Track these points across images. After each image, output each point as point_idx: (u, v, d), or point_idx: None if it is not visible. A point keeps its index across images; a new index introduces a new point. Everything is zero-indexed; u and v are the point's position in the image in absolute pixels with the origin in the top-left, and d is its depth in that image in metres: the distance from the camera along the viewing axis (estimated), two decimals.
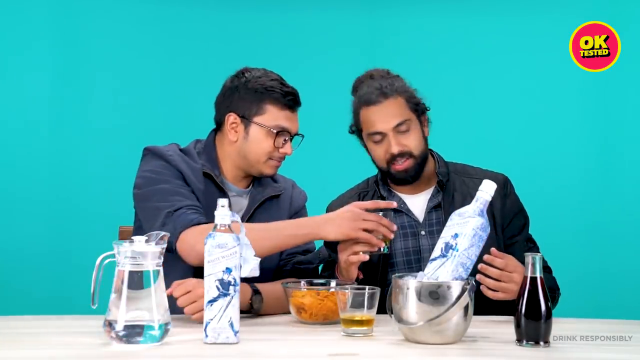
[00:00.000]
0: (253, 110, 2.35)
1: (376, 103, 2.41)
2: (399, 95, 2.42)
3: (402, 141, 2.41)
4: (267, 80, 2.37)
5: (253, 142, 2.36)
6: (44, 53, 3.62)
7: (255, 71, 2.41)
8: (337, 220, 2.19)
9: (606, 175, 3.59)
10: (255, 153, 2.37)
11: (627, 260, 3.52)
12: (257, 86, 2.36)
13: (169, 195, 2.26)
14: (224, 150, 2.41)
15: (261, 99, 2.35)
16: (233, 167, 2.41)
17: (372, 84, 2.45)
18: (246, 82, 2.37)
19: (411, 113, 2.43)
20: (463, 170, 2.53)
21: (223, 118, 2.40)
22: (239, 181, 2.44)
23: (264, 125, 2.35)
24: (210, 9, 3.72)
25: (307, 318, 2.11)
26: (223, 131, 2.41)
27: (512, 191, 2.50)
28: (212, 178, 2.37)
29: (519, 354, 1.79)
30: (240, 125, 2.37)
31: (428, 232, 2.45)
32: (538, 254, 1.85)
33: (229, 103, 2.39)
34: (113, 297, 1.82)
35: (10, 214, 3.53)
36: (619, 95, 3.60)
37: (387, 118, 2.40)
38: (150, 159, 2.36)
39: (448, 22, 3.70)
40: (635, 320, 2.21)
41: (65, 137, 3.62)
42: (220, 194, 2.34)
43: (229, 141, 2.39)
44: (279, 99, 2.36)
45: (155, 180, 2.30)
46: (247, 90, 2.36)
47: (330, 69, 3.70)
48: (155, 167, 2.33)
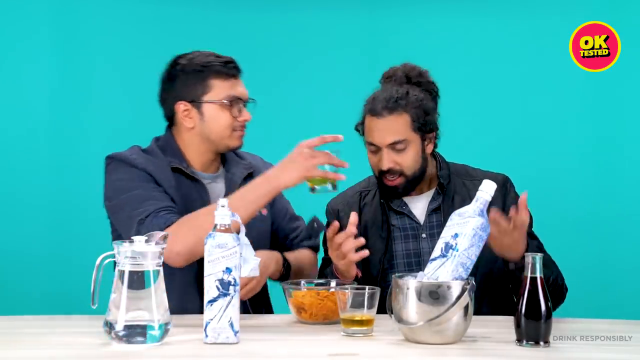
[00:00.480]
0: (199, 90, 2.35)
1: (379, 116, 2.37)
2: (405, 112, 2.37)
3: (395, 159, 2.37)
4: (202, 57, 2.37)
5: (211, 121, 2.35)
6: (44, 53, 3.62)
7: (186, 55, 2.41)
8: (290, 164, 2.17)
9: (606, 175, 3.59)
10: (217, 130, 2.36)
11: (627, 260, 3.51)
12: (195, 67, 2.35)
13: (140, 202, 2.24)
14: (185, 140, 2.40)
15: (204, 78, 2.35)
16: (198, 154, 2.40)
17: (384, 92, 2.40)
18: (182, 67, 2.37)
19: (412, 133, 2.38)
20: (464, 172, 2.52)
21: (173, 110, 2.38)
22: (208, 167, 2.43)
23: (215, 101, 2.34)
24: (210, 9, 3.71)
25: (307, 318, 2.11)
26: (177, 123, 2.40)
27: (511, 190, 2.48)
28: (182, 171, 2.35)
29: (519, 354, 1.79)
30: (192, 110, 2.36)
31: (429, 234, 2.44)
32: (538, 254, 1.85)
33: (174, 94, 2.37)
34: (113, 297, 1.83)
35: (10, 214, 3.53)
36: (619, 95, 3.59)
37: (385, 134, 2.37)
38: (115, 166, 2.34)
39: (448, 22, 3.70)
40: (635, 320, 2.21)
41: (65, 137, 3.62)
42: (194, 184, 2.34)
43: (187, 129, 2.38)
44: (221, 70, 2.36)
45: (124, 189, 2.28)
46: (186, 75, 2.36)
47: (331, 69, 3.70)
48: (123, 174, 2.31)
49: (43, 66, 3.61)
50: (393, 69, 2.48)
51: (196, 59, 2.37)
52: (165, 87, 2.41)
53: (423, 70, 2.48)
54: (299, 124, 3.67)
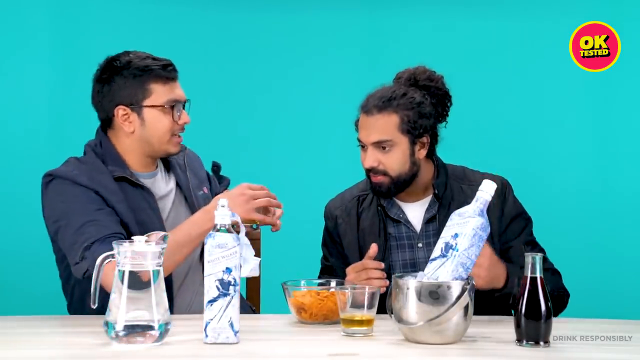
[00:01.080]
0: (139, 95, 2.31)
1: (368, 113, 2.37)
2: (394, 113, 2.36)
3: (379, 158, 2.37)
4: (140, 60, 2.33)
5: (151, 126, 2.32)
6: (44, 53, 3.61)
7: (122, 57, 2.36)
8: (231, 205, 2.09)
9: (606, 176, 3.59)
10: (157, 135, 2.33)
11: (627, 260, 3.51)
12: (133, 71, 2.32)
13: (85, 226, 2.18)
14: (123, 144, 2.36)
15: (143, 82, 2.31)
16: (137, 156, 2.37)
17: (380, 91, 2.40)
18: (120, 71, 2.32)
19: (400, 134, 2.36)
20: (462, 176, 2.49)
21: (111, 114, 2.34)
22: (147, 166, 2.40)
23: (156, 105, 2.32)
24: (210, 9, 3.71)
25: (307, 318, 2.11)
26: (115, 126, 2.36)
27: (509, 195, 2.46)
28: (126, 179, 2.31)
29: (519, 354, 1.79)
30: (132, 114, 2.32)
31: (425, 244, 2.42)
32: (538, 254, 1.85)
33: (112, 97, 2.32)
34: (113, 297, 1.82)
35: (10, 214, 3.53)
36: (619, 95, 3.59)
37: (370, 132, 2.37)
38: (57, 185, 2.27)
39: (448, 22, 3.70)
40: (635, 320, 2.21)
41: (65, 137, 3.62)
42: (139, 191, 2.32)
43: (126, 134, 2.34)
44: (160, 74, 2.33)
45: (67, 211, 2.23)
46: (125, 79, 2.32)
47: (331, 69, 3.70)
48: (65, 194, 2.26)
49: (43, 66, 3.60)
50: (405, 70, 2.48)
51: (134, 62, 2.33)
52: (101, 89, 2.35)
53: (436, 76, 2.46)
54: (299, 123, 3.69)
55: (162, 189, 2.41)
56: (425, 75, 2.45)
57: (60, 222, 2.24)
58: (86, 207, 2.22)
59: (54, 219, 2.26)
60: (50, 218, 2.28)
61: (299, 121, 3.68)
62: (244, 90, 3.48)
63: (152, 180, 2.39)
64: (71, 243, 2.19)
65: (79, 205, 2.23)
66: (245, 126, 3.60)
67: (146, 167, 2.39)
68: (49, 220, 2.29)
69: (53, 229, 2.27)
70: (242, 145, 3.58)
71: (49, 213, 2.29)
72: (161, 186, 2.41)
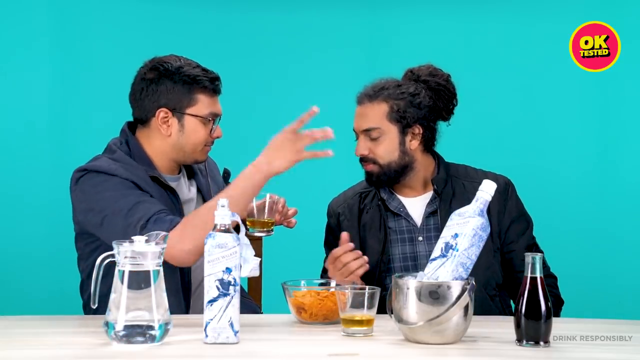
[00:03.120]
0: (184, 102, 2.33)
1: (360, 103, 2.45)
2: (384, 102, 2.41)
3: (369, 146, 2.42)
4: (190, 69, 2.34)
5: (190, 134, 2.34)
6: (44, 53, 3.62)
7: (172, 61, 2.36)
8: (279, 152, 2.18)
9: (606, 175, 3.59)
10: (193, 143, 2.35)
11: (627, 260, 3.52)
12: (183, 78, 2.33)
13: (134, 208, 2.19)
14: (153, 145, 2.36)
15: (191, 90, 2.33)
16: (165, 160, 2.37)
17: (374, 82, 2.46)
18: (170, 75, 2.33)
19: (388, 123, 2.41)
20: (464, 173, 2.50)
21: (151, 114, 2.34)
22: (173, 170, 2.41)
23: (198, 115, 2.33)
24: (211, 9, 3.72)
25: (307, 318, 2.11)
26: (149, 126, 2.36)
27: (512, 195, 2.47)
28: (157, 179, 2.32)
29: (519, 354, 1.79)
30: (172, 119, 2.33)
31: (425, 237, 2.43)
32: (538, 254, 1.85)
33: (156, 98, 2.33)
34: (113, 297, 1.83)
35: (10, 214, 3.53)
36: (619, 95, 3.59)
37: (361, 120, 2.43)
38: (91, 179, 2.26)
39: (448, 22, 3.70)
40: (635, 320, 2.21)
41: (65, 137, 3.62)
42: (167, 193, 2.33)
43: (161, 136, 2.35)
44: (208, 87, 2.35)
45: (111, 198, 2.22)
46: (174, 84, 2.32)
47: (331, 69, 3.70)
48: (104, 184, 2.25)
49: (43, 66, 3.61)
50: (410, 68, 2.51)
51: (185, 70, 2.33)
52: (146, 88, 2.34)
53: (440, 72, 2.49)
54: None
55: (186, 193, 2.42)
56: (428, 71, 2.48)
57: (105, 211, 2.22)
58: (128, 193, 2.23)
59: (95, 209, 2.24)
60: (89, 209, 2.25)
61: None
62: (243, 90, 3.48)
63: (177, 184, 2.40)
64: (124, 226, 2.17)
65: (120, 192, 2.23)
66: (245, 126, 3.59)
67: (172, 171, 2.41)
68: (87, 212, 2.26)
69: (96, 220, 2.23)
70: (242, 146, 3.57)
71: (86, 206, 2.26)
72: (184, 191, 2.42)
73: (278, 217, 2.36)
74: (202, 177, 2.50)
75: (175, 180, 2.40)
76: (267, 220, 2.29)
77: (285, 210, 2.38)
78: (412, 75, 2.48)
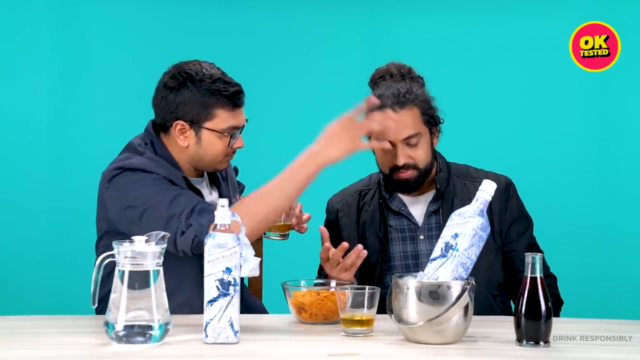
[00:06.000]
0: (202, 116, 2.27)
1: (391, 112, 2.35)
2: (414, 106, 2.38)
3: (409, 153, 2.38)
4: (211, 82, 2.26)
5: (207, 147, 2.30)
6: (44, 53, 3.62)
7: (194, 70, 2.28)
8: (335, 139, 2.12)
9: (606, 175, 3.59)
10: (211, 155, 2.31)
11: (627, 260, 3.51)
12: (203, 91, 2.26)
13: (175, 200, 2.16)
14: (177, 152, 2.33)
15: (209, 104, 2.27)
16: (187, 165, 2.35)
17: (390, 88, 2.39)
18: (189, 86, 2.27)
19: (423, 126, 2.40)
20: (466, 173, 2.51)
21: (169, 123, 2.31)
22: (195, 174, 2.39)
23: (215, 130, 2.28)
24: (211, 9, 3.72)
25: (307, 318, 2.11)
26: (170, 134, 2.33)
27: (514, 195, 2.48)
28: (187, 181, 2.31)
29: (519, 354, 1.79)
30: (189, 131, 2.29)
31: (427, 236, 2.43)
32: (538, 254, 1.85)
33: (173, 108, 2.28)
34: (113, 297, 1.83)
35: (11, 214, 3.53)
36: (619, 95, 3.59)
37: (399, 129, 2.35)
38: (127, 176, 2.23)
39: (448, 21, 3.70)
40: (635, 320, 2.21)
41: (65, 137, 3.62)
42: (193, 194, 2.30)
43: (180, 147, 2.32)
44: (227, 102, 2.28)
45: (151, 194, 2.19)
46: (191, 95, 2.26)
47: (330, 68, 3.70)
48: (141, 180, 2.22)
49: (43, 66, 3.61)
50: (383, 68, 2.48)
51: (206, 83, 2.26)
52: (166, 97, 2.30)
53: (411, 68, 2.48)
54: (298, 123, 3.68)
55: (207, 197, 2.40)
56: (406, 69, 2.46)
57: (145, 205, 2.18)
58: (167, 187, 2.20)
59: (134, 206, 2.20)
60: (127, 207, 2.21)
61: (299, 121, 3.68)
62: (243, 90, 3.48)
63: (200, 187, 2.39)
64: (167, 218, 2.13)
65: (161, 187, 2.20)
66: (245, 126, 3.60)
67: (194, 175, 2.39)
68: (123, 209, 2.21)
69: (134, 215, 2.19)
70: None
71: (122, 203, 2.22)
72: (206, 194, 2.41)
73: (294, 221, 2.31)
74: (223, 181, 2.47)
75: (199, 184, 2.39)
76: (284, 224, 2.27)
77: (301, 215, 2.33)
78: (404, 75, 2.45)
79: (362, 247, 2.27)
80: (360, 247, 2.26)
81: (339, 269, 2.27)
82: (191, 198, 2.19)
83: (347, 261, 2.26)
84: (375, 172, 2.55)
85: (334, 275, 2.27)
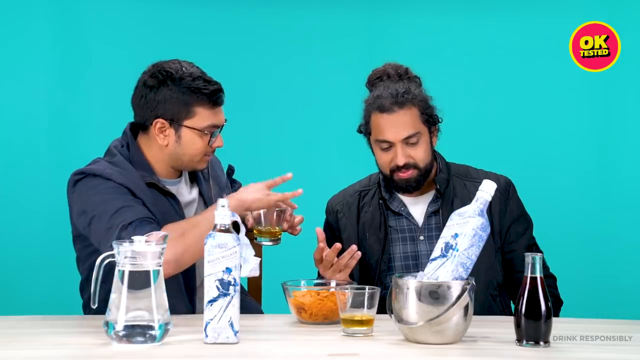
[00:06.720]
0: (182, 114, 2.28)
1: (389, 112, 2.37)
2: (413, 106, 2.38)
3: (409, 153, 2.38)
4: (191, 80, 2.28)
5: (186, 145, 2.31)
6: (44, 53, 3.61)
7: (174, 69, 2.29)
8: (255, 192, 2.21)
9: (606, 176, 3.59)
10: (190, 154, 2.32)
11: (626, 260, 3.51)
12: (182, 89, 2.27)
13: (121, 210, 2.17)
14: (154, 153, 2.34)
15: (189, 102, 2.28)
16: (164, 166, 2.36)
17: (388, 88, 2.39)
18: (169, 84, 2.28)
19: (422, 125, 2.40)
20: (465, 173, 2.51)
21: (149, 122, 2.31)
22: (172, 175, 2.39)
23: (195, 128, 2.29)
24: (211, 9, 3.71)
25: (307, 318, 2.11)
26: (149, 134, 2.34)
27: (514, 195, 2.48)
28: (156, 185, 2.31)
29: (519, 354, 1.79)
30: (169, 129, 2.30)
31: (427, 237, 2.43)
32: (538, 254, 1.85)
33: (153, 107, 2.29)
34: (113, 297, 1.83)
35: (11, 214, 3.53)
36: (619, 95, 3.59)
37: (398, 129, 2.36)
38: (88, 182, 2.25)
39: (448, 21, 3.70)
40: (635, 320, 2.21)
41: (65, 137, 3.62)
42: (167, 199, 2.32)
43: (159, 146, 2.32)
44: (207, 100, 2.29)
45: (101, 200, 2.21)
46: (171, 93, 2.27)
47: (330, 68, 3.70)
48: (98, 187, 2.23)
49: (42, 66, 3.61)
50: (379, 69, 2.48)
51: (185, 81, 2.27)
52: (145, 96, 2.31)
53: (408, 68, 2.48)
54: (299, 124, 3.69)
55: (186, 196, 2.41)
56: (403, 69, 2.47)
57: (94, 212, 2.21)
58: (120, 197, 2.21)
59: (86, 211, 2.23)
60: (82, 212, 2.24)
61: (299, 121, 3.69)
62: (242, 90, 3.48)
63: (177, 187, 2.39)
64: (107, 227, 2.16)
65: (113, 196, 2.21)
66: (244, 126, 3.60)
67: (171, 175, 2.39)
68: (80, 214, 2.25)
69: (85, 221, 2.23)
70: (241, 146, 3.58)
71: (79, 208, 2.25)
72: (184, 193, 2.41)
73: (286, 226, 2.31)
74: (204, 181, 2.48)
75: (174, 184, 2.39)
76: (275, 230, 2.27)
77: (292, 219, 2.33)
78: (401, 75, 2.45)
79: (357, 248, 2.27)
80: (354, 248, 2.26)
81: (332, 270, 2.27)
82: (137, 212, 2.18)
83: (341, 262, 2.26)
84: (375, 173, 2.55)
85: (328, 276, 2.27)
